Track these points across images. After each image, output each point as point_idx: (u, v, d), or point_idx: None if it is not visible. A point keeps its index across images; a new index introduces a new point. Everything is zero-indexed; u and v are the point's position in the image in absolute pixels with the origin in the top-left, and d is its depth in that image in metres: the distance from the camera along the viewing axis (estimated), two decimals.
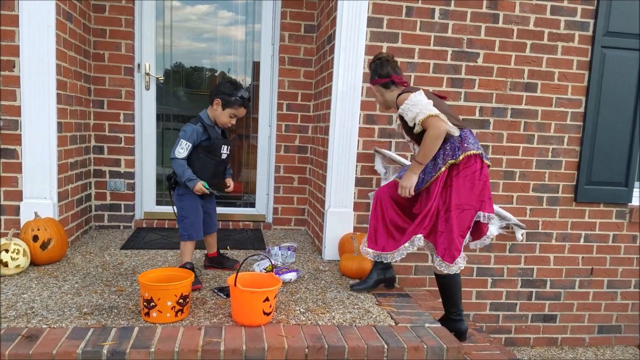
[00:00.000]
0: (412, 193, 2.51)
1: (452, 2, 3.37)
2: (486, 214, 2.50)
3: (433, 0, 3.34)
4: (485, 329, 3.70)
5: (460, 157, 2.43)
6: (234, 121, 2.70)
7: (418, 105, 2.40)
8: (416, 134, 2.49)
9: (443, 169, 2.46)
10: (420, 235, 2.50)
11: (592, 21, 3.52)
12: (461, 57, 3.44)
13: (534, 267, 3.74)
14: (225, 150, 2.75)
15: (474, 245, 2.66)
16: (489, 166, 2.52)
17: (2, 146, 3.06)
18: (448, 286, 2.63)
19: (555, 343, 3.88)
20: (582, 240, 3.76)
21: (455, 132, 2.45)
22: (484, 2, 3.40)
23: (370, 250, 2.65)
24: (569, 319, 3.86)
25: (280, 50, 4.04)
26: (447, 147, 2.47)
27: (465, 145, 2.45)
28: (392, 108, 2.70)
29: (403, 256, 2.57)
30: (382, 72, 2.62)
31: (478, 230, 2.57)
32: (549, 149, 3.62)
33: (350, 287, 2.75)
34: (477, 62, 3.46)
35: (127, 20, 3.78)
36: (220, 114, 2.64)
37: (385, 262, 2.64)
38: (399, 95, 2.53)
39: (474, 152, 2.45)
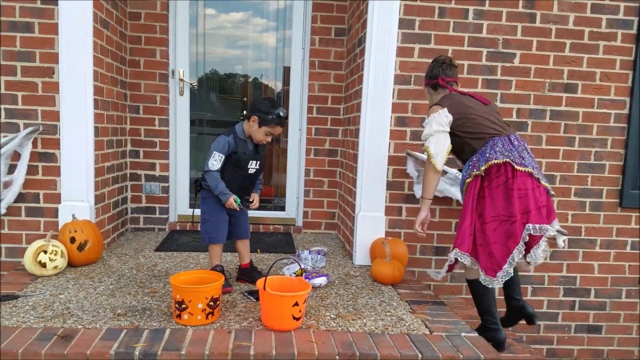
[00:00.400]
0: (425, 229, 2.62)
1: (487, 2, 3.28)
2: (536, 225, 2.36)
3: (467, 0, 3.27)
4: (525, 339, 3.56)
5: (483, 168, 2.41)
6: (269, 139, 2.66)
7: (428, 129, 2.49)
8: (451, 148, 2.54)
9: (468, 180, 2.47)
10: (456, 250, 2.46)
11: (636, 19, 3.37)
12: (496, 58, 3.35)
13: (577, 275, 3.59)
14: (254, 165, 2.70)
15: (529, 260, 2.43)
16: (531, 174, 2.39)
17: (42, 150, 3.16)
18: (477, 292, 2.58)
19: (600, 355, 3.70)
20: (628, 247, 3.58)
21: (437, 165, 2.47)
22: (520, 2, 3.30)
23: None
24: (616, 330, 3.68)
25: (311, 54, 4.03)
26: (474, 159, 2.47)
27: (488, 155, 2.42)
28: None
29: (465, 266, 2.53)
30: (432, 74, 2.68)
31: (529, 244, 2.41)
32: (591, 152, 3.48)
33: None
34: (513, 63, 3.36)
35: (161, 27, 3.85)
36: (256, 132, 2.61)
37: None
38: (435, 104, 2.57)
39: (497, 161, 2.38)
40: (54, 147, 3.16)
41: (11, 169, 3.11)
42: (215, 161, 2.59)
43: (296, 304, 2.13)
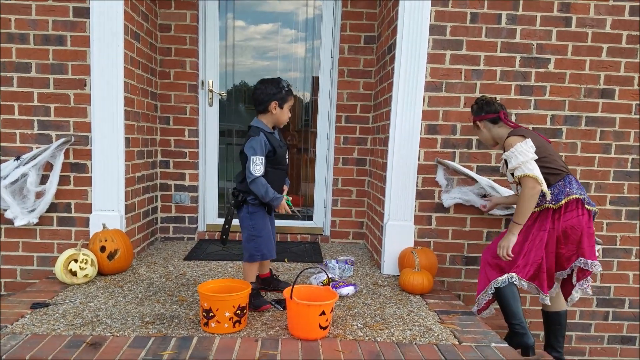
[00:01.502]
0: (511, 254, 2.56)
1: (520, 7, 3.21)
2: (588, 261, 2.54)
3: (499, 5, 3.20)
4: None
5: (563, 202, 2.50)
6: (290, 113, 2.61)
7: (519, 159, 2.45)
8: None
9: (536, 209, 2.55)
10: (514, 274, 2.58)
11: None
12: (530, 64, 3.26)
13: (611, 285, 3.45)
14: (287, 155, 2.63)
15: (576, 294, 2.73)
16: (595, 213, 2.56)
17: (74, 161, 3.22)
18: (506, 297, 2.60)
19: None
20: None
21: (548, 195, 2.52)
22: (555, 5, 3.22)
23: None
24: None
25: (340, 63, 4.02)
26: (550, 192, 2.53)
27: (568, 190, 2.51)
28: (499, 145, 2.76)
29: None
30: (490, 109, 2.70)
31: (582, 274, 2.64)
32: (628, 159, 3.35)
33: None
34: (547, 69, 3.27)
35: (191, 38, 3.91)
36: (281, 114, 2.53)
37: None
38: (509, 136, 2.58)
39: (577, 196, 2.50)
40: (86, 158, 3.22)
41: (44, 180, 3.18)
42: (258, 165, 2.41)
43: (323, 313, 2.10)
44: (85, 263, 2.81)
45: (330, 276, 2.98)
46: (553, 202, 2.53)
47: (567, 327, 3.46)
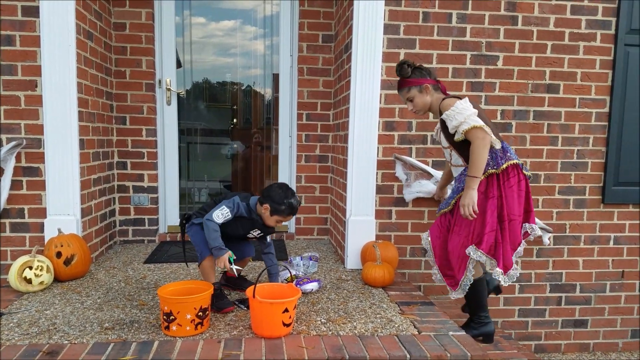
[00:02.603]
0: (476, 209, 2.42)
1: (470, 6, 3.32)
2: (532, 225, 2.54)
3: (450, 4, 3.30)
4: (514, 335, 3.60)
5: (504, 166, 2.44)
6: (280, 224, 2.63)
7: (463, 114, 2.38)
8: (456, 142, 2.49)
9: (481, 178, 2.43)
10: (474, 247, 2.48)
11: (614, 19, 3.43)
12: (480, 61, 3.38)
13: (563, 271, 3.63)
14: (255, 234, 2.64)
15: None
16: (529, 177, 2.53)
17: (26, 164, 3.13)
18: (479, 291, 2.63)
19: (587, 349, 3.74)
20: (611, 242, 3.63)
21: (497, 144, 2.46)
22: (502, 5, 3.35)
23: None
24: (601, 323, 3.73)
25: (299, 61, 4.05)
26: (488, 158, 2.44)
27: (508, 154, 2.47)
28: (433, 112, 2.64)
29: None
30: (431, 75, 2.62)
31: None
32: (574, 150, 3.52)
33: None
34: (497, 65, 3.40)
35: (147, 37, 3.85)
36: (268, 218, 2.52)
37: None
38: (444, 99, 2.52)
39: (516, 161, 2.46)
40: (39, 161, 3.13)
41: None
42: (222, 215, 2.45)
43: (286, 310, 2.13)
44: (41, 270, 2.74)
45: (294, 273, 3.01)
46: (495, 167, 2.45)
47: (523, 313, 3.64)
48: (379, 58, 3.21)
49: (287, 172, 4.27)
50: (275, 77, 4.26)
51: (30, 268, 2.71)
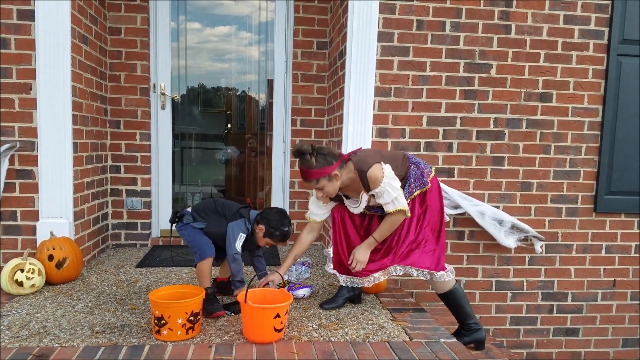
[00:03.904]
0: (364, 267, 2.55)
1: (463, 14, 3.35)
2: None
3: (444, 12, 3.33)
4: (505, 343, 3.60)
5: (429, 184, 2.53)
6: (267, 246, 2.70)
7: (393, 194, 2.37)
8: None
9: (408, 200, 2.50)
10: (397, 266, 2.59)
11: (606, 29, 3.46)
12: (474, 69, 3.41)
13: (555, 279, 3.64)
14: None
15: None
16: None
17: (19, 167, 3.12)
18: (457, 300, 2.65)
19: (578, 357, 3.75)
20: (603, 251, 3.65)
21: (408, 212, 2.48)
22: (496, 14, 3.38)
23: (343, 276, 2.66)
24: (592, 332, 3.74)
25: (294, 67, 4.06)
26: (411, 181, 2.53)
27: (426, 171, 2.56)
28: (349, 191, 2.53)
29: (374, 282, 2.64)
30: (335, 154, 2.38)
31: None
32: (566, 159, 3.55)
33: (320, 306, 2.67)
34: (490, 74, 3.43)
35: (142, 41, 3.86)
36: (260, 239, 2.62)
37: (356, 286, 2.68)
38: (368, 168, 2.36)
39: (432, 173, 2.59)
40: (32, 164, 3.12)
41: None
42: (240, 241, 2.55)
43: (277, 315, 2.13)
44: (32, 272, 2.73)
45: (287, 279, 3.01)
46: (421, 186, 2.53)
47: (515, 321, 3.65)
48: (373, 65, 3.23)
49: (280, 178, 4.28)
50: (270, 83, 4.28)
51: (22, 271, 2.70)
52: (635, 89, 3.53)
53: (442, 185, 3.28)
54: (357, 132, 3.26)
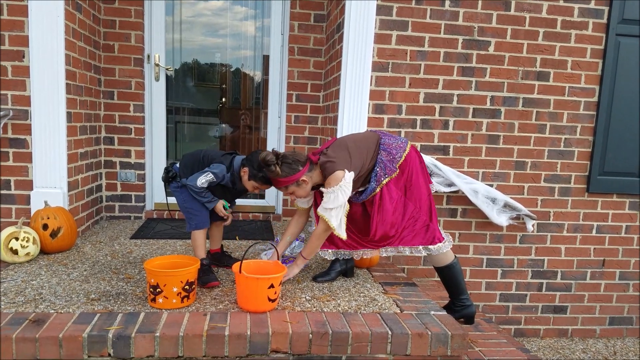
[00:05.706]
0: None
1: None
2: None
3: None
4: (494, 319, 3.67)
5: (397, 170, 2.48)
6: (257, 191, 2.64)
7: (335, 203, 2.31)
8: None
9: (377, 189, 2.48)
10: (387, 247, 2.62)
11: (606, 8, 3.44)
12: (472, 46, 3.39)
13: (545, 258, 3.70)
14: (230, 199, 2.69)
15: None
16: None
17: (13, 136, 3.09)
18: (454, 275, 2.68)
19: (565, 334, 3.83)
20: (594, 231, 3.70)
21: (343, 233, 2.42)
22: None
23: (330, 251, 2.65)
24: (580, 310, 3.81)
25: (290, 41, 4.02)
26: (377, 170, 2.48)
27: (397, 156, 2.48)
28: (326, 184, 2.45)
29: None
30: (302, 159, 2.39)
31: None
32: (561, 138, 3.56)
33: (313, 279, 2.68)
34: (488, 51, 3.41)
35: (136, 11, 3.79)
36: (245, 182, 2.53)
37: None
38: (334, 170, 2.33)
39: (406, 152, 2.50)
40: (25, 133, 3.09)
41: None
42: (205, 181, 2.48)
43: (272, 286, 2.15)
44: (27, 241, 2.73)
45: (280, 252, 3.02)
46: (390, 174, 2.49)
47: (504, 298, 3.70)
48: (370, 39, 3.20)
49: None
50: (266, 59, 4.24)
51: (17, 239, 2.70)
52: (633, 70, 3.53)
53: (436, 162, 3.32)
54: (354, 107, 3.25)
